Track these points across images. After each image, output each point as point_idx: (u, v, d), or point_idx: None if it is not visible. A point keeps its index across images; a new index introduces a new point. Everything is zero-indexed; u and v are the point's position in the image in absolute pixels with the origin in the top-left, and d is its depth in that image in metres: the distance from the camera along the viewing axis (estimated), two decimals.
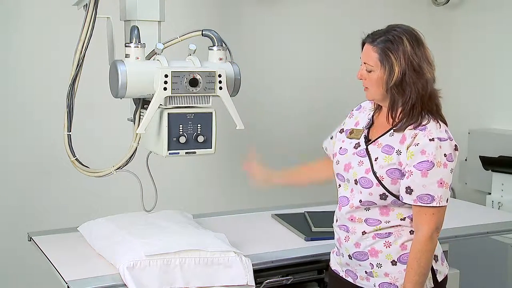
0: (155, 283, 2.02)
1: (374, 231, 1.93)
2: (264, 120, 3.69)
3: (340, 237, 2.03)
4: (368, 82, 1.93)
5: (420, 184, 1.83)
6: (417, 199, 1.84)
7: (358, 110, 2.12)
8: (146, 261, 2.03)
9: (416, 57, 1.85)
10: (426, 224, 1.86)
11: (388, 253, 1.93)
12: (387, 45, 1.85)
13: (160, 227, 2.34)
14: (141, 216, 2.47)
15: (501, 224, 2.78)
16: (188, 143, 2.21)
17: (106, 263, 2.16)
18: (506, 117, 3.92)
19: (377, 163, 1.90)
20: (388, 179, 1.88)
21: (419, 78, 1.85)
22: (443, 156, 1.83)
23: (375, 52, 1.88)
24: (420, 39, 1.89)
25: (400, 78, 1.85)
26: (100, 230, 2.37)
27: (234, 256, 2.13)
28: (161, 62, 2.21)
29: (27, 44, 3.06)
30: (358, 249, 1.97)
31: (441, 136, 1.85)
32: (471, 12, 4.12)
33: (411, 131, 1.87)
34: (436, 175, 1.82)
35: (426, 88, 1.87)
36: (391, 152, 1.89)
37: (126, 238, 2.19)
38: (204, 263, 2.09)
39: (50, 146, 3.00)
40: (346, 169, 1.99)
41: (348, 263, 2.03)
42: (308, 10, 3.74)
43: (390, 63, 1.85)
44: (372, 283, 1.98)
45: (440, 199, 1.84)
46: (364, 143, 1.97)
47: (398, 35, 1.86)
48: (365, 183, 1.91)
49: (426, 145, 1.83)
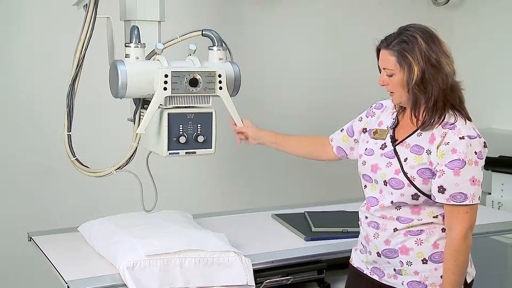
0: (155, 283, 2.02)
1: (405, 228, 1.92)
2: (264, 120, 3.67)
3: (368, 235, 2.01)
4: (392, 86, 1.92)
5: (452, 182, 1.83)
6: (450, 198, 1.84)
7: (380, 109, 2.11)
8: (146, 261, 2.03)
9: (433, 52, 1.85)
10: (460, 223, 1.86)
11: (419, 251, 1.92)
12: (402, 46, 1.86)
13: (160, 227, 2.34)
14: (141, 216, 2.47)
15: (501, 224, 2.78)
16: (188, 143, 2.21)
17: (106, 263, 2.16)
18: (506, 117, 3.92)
19: (407, 164, 1.89)
20: (420, 179, 1.87)
21: (439, 73, 1.86)
22: (473, 154, 1.83)
23: (392, 56, 1.88)
24: (433, 35, 1.89)
25: (420, 76, 1.85)
26: (100, 230, 2.36)
27: (234, 256, 2.13)
28: (161, 62, 2.21)
29: (27, 44, 3.06)
30: (388, 246, 1.95)
31: (471, 134, 1.86)
32: (471, 12, 4.12)
33: (440, 130, 1.87)
34: (468, 173, 1.82)
35: (446, 82, 1.87)
36: (421, 152, 1.88)
37: (126, 238, 2.19)
38: (204, 263, 2.09)
39: (50, 146, 3.00)
40: (374, 170, 1.98)
41: (376, 260, 2.01)
42: (308, 10, 3.74)
43: (408, 64, 1.85)
44: (400, 281, 1.97)
45: (473, 197, 1.84)
46: (391, 144, 1.97)
47: (411, 34, 1.87)
48: (396, 184, 1.90)
49: (456, 144, 1.83)
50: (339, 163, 3.84)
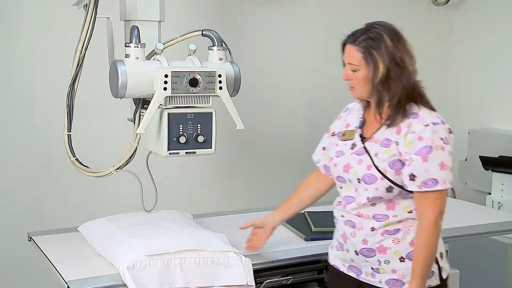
0: (155, 283, 2.02)
1: (383, 227, 1.94)
2: (264, 120, 3.69)
3: (345, 233, 2.03)
4: (355, 82, 1.96)
5: (422, 169, 1.86)
6: (422, 184, 1.86)
7: (346, 112, 2.16)
8: (146, 261, 2.03)
9: (398, 51, 1.89)
10: (430, 209, 1.88)
11: (396, 250, 1.94)
12: (369, 43, 1.90)
13: (160, 227, 2.34)
14: (141, 216, 2.47)
15: (501, 224, 2.78)
16: (188, 143, 2.21)
17: (106, 263, 2.16)
18: (506, 117, 3.92)
19: (378, 158, 1.93)
20: (392, 171, 1.90)
21: (403, 72, 1.90)
22: (439, 139, 1.87)
23: (358, 52, 1.92)
24: (399, 34, 1.93)
25: (385, 74, 1.89)
26: (100, 230, 2.36)
27: (234, 256, 2.13)
28: (161, 62, 2.21)
29: (27, 44, 3.06)
30: (366, 246, 1.97)
31: (435, 121, 1.89)
32: (471, 12, 4.12)
33: (405, 120, 1.91)
34: (436, 159, 1.85)
35: (409, 81, 1.92)
36: (390, 144, 1.92)
37: (126, 238, 2.19)
38: (204, 263, 2.09)
39: (50, 146, 3.00)
40: (346, 170, 2.00)
41: (353, 258, 2.02)
42: (308, 10, 3.74)
43: (374, 61, 1.89)
44: (378, 279, 1.98)
45: (444, 182, 1.87)
46: (360, 142, 2.00)
47: (378, 32, 1.90)
48: (370, 180, 1.93)
49: (422, 131, 1.87)
50: None
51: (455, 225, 2.66)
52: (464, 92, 4.19)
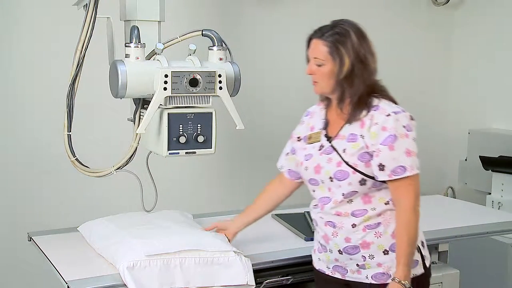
0: (155, 283, 2.02)
1: (363, 222, 1.96)
2: (264, 120, 3.69)
3: (326, 234, 2.04)
4: (319, 76, 2.01)
5: (389, 158, 1.89)
6: (391, 173, 1.90)
7: (308, 116, 2.20)
8: (146, 261, 2.03)
9: (363, 49, 1.94)
10: (406, 196, 1.92)
11: (379, 244, 1.96)
12: (336, 38, 1.95)
13: (160, 227, 2.33)
14: (141, 216, 2.47)
15: (501, 224, 2.78)
16: (188, 143, 2.21)
17: (106, 263, 2.16)
18: (506, 117, 3.92)
19: (346, 154, 1.96)
20: (362, 163, 1.93)
21: (366, 69, 1.95)
22: (402, 127, 1.91)
23: (325, 46, 1.97)
24: (363, 32, 1.98)
25: (350, 69, 1.93)
26: (100, 230, 2.36)
27: (234, 255, 2.13)
28: (161, 62, 2.21)
29: (27, 44, 3.06)
30: (349, 243, 1.98)
31: (396, 110, 1.93)
32: (471, 12, 4.12)
33: (366, 114, 1.95)
34: (401, 146, 1.90)
35: (371, 78, 1.97)
36: (356, 139, 1.95)
37: (126, 238, 2.18)
38: (204, 263, 2.09)
39: (50, 146, 3.00)
40: (317, 171, 2.03)
41: (337, 258, 2.03)
42: (308, 10, 3.74)
43: (340, 56, 1.94)
44: (364, 275, 2.00)
45: (412, 168, 1.90)
46: (327, 142, 2.03)
47: (345, 28, 1.95)
48: (342, 176, 1.95)
49: (385, 121, 1.91)
50: None
51: (455, 225, 2.67)
52: (464, 92, 4.19)
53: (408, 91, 4.10)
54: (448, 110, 4.26)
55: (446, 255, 2.68)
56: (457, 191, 4.19)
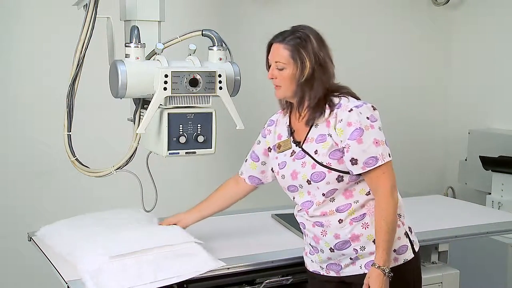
0: (122, 282, 1.97)
1: (349, 216, 1.98)
2: (264, 120, 3.68)
3: (315, 235, 2.05)
4: (280, 80, 2.01)
5: (360, 151, 1.92)
6: (364, 165, 1.92)
7: (273, 125, 2.20)
8: (110, 262, 1.99)
9: (322, 53, 1.99)
10: (382, 184, 1.94)
11: (368, 234, 1.98)
12: (297, 41, 1.98)
13: (121, 226, 2.29)
14: (100, 217, 2.42)
15: (501, 224, 2.78)
16: (188, 143, 2.21)
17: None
18: (506, 117, 3.92)
19: (318, 155, 1.98)
20: (334, 161, 1.95)
21: (325, 73, 1.99)
22: (366, 119, 1.94)
23: (286, 50, 1.98)
24: (322, 38, 2.04)
25: (310, 73, 1.97)
26: (59, 234, 2.30)
27: (196, 245, 2.12)
28: (161, 62, 2.21)
29: (27, 44, 3.06)
30: (339, 239, 2.00)
31: (357, 104, 1.96)
32: (471, 12, 4.12)
33: (330, 114, 1.97)
34: (369, 138, 1.92)
35: (329, 82, 2.00)
36: (325, 138, 1.98)
37: (86, 240, 2.14)
38: (169, 256, 2.06)
39: (50, 146, 3.00)
40: (294, 177, 2.04)
41: (330, 256, 2.04)
42: (308, 10, 3.74)
43: (301, 59, 1.97)
44: (358, 265, 2.01)
45: (383, 156, 1.93)
46: (297, 147, 2.04)
47: (305, 33, 1.99)
48: (318, 177, 1.97)
49: (348, 117, 1.94)
50: None
51: (455, 225, 2.66)
52: (464, 92, 4.19)
53: (408, 91, 4.11)
54: (448, 110, 4.26)
55: (446, 255, 2.68)
56: (457, 191, 4.19)
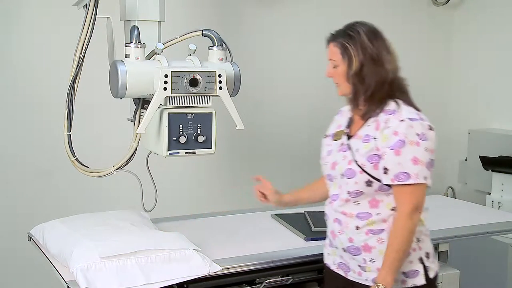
0: (114, 283, 1.97)
1: (367, 226, 1.97)
2: (264, 120, 3.69)
3: (333, 230, 2.06)
4: (337, 78, 2.05)
5: (394, 162, 1.90)
6: (394, 178, 1.90)
7: (339, 115, 2.22)
8: (102, 263, 1.99)
9: (374, 48, 1.97)
10: (404, 203, 1.92)
11: (381, 249, 1.96)
12: (345, 39, 2.00)
13: (115, 227, 2.29)
14: (96, 217, 2.43)
15: (501, 224, 2.78)
16: (188, 143, 2.21)
17: None
18: (506, 117, 3.92)
19: (358, 153, 1.98)
20: (370, 164, 1.94)
21: (377, 67, 1.97)
22: (415, 135, 1.90)
23: (336, 47, 2.02)
24: (377, 32, 2.02)
25: (359, 68, 1.97)
26: (53, 233, 2.31)
27: (190, 251, 2.11)
28: (161, 62, 2.21)
29: (27, 44, 3.06)
30: (352, 244, 2.00)
31: (412, 117, 1.94)
32: (471, 12, 4.12)
33: (383, 117, 1.96)
34: (409, 153, 1.89)
35: (385, 76, 1.98)
36: (369, 139, 1.97)
37: (80, 241, 2.13)
38: (161, 260, 2.06)
39: (50, 146, 3.00)
40: (333, 167, 2.06)
41: (342, 255, 2.06)
42: (308, 10, 3.74)
43: (349, 55, 1.98)
44: (365, 277, 2.00)
45: (417, 176, 1.89)
46: (346, 140, 2.06)
47: (356, 29, 2.00)
48: (350, 174, 1.98)
49: (397, 126, 1.92)
50: None
51: (455, 225, 2.66)
52: (464, 92, 4.19)
53: None
54: (448, 110, 4.26)
55: (446, 255, 2.67)
56: (457, 191, 4.19)
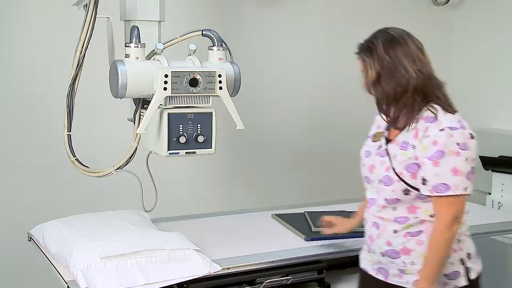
0: (114, 284, 1.97)
1: (404, 229, 1.96)
2: (264, 120, 3.69)
3: (371, 235, 2.05)
4: (365, 88, 2.03)
5: (433, 173, 1.87)
6: (433, 189, 1.87)
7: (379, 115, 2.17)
8: (101, 263, 1.99)
9: (390, 56, 1.94)
10: (444, 213, 1.89)
11: (421, 252, 1.95)
12: (364, 52, 2.00)
13: (115, 227, 2.29)
14: (97, 217, 2.43)
15: (501, 224, 2.78)
16: (188, 143, 2.21)
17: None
18: (506, 117, 3.92)
19: (395, 160, 1.95)
20: (408, 174, 1.92)
21: (396, 74, 1.93)
22: (455, 144, 1.86)
23: (358, 60, 2.02)
24: (395, 40, 1.96)
25: (376, 77, 1.96)
26: (54, 232, 2.31)
27: (190, 251, 2.11)
28: (161, 62, 2.21)
29: (27, 44, 3.06)
30: (390, 247, 1.99)
31: (453, 126, 1.89)
32: (471, 12, 4.13)
33: (422, 124, 1.93)
34: (448, 164, 1.86)
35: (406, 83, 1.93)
36: (407, 147, 1.94)
37: (80, 241, 2.13)
38: (160, 261, 2.06)
39: (50, 146, 3.00)
40: (371, 170, 2.04)
41: (381, 260, 2.04)
42: (308, 10, 3.74)
43: (366, 67, 1.98)
44: (405, 280, 1.99)
45: (456, 188, 1.87)
46: (384, 144, 2.03)
47: (372, 41, 1.98)
48: (387, 181, 1.96)
49: (437, 136, 1.87)
50: (339, 164, 3.84)
51: None
52: (464, 92, 4.18)
53: None
54: None
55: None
56: None
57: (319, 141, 3.84)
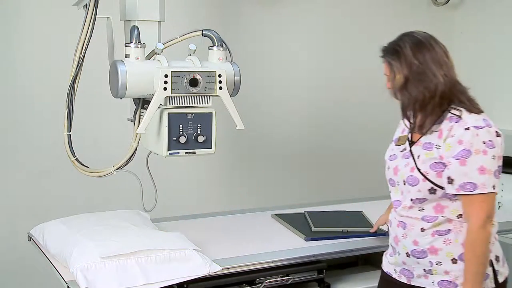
0: (113, 283, 1.97)
1: (432, 228, 1.95)
2: (264, 120, 3.69)
3: (397, 235, 2.04)
4: (390, 92, 2.03)
5: (459, 172, 1.86)
6: (459, 188, 1.87)
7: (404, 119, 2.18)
8: (101, 263, 1.99)
9: (418, 61, 1.93)
10: (476, 213, 1.88)
11: (448, 251, 1.94)
12: (390, 55, 1.98)
13: (115, 227, 2.29)
14: (96, 217, 2.43)
15: (501, 224, 2.76)
16: (188, 143, 2.21)
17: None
18: (505, 117, 3.92)
19: (419, 160, 1.95)
20: (433, 172, 1.92)
21: (424, 78, 1.93)
22: (481, 143, 1.86)
23: (384, 63, 2.01)
24: (423, 44, 1.96)
25: (404, 82, 1.95)
26: (54, 232, 2.31)
27: (190, 251, 2.11)
28: (161, 62, 2.21)
29: (27, 44, 3.06)
30: (417, 246, 1.97)
31: (478, 124, 1.89)
32: (471, 12, 4.12)
33: (447, 124, 1.93)
34: (475, 163, 1.85)
35: (434, 88, 1.93)
36: (431, 148, 1.94)
37: (80, 241, 2.13)
38: (160, 261, 2.06)
39: (50, 146, 3.00)
40: (395, 172, 2.04)
41: (405, 261, 2.03)
42: (308, 10, 3.74)
43: (393, 71, 1.97)
44: (431, 280, 1.98)
45: (484, 186, 1.87)
46: (408, 146, 2.03)
47: (399, 44, 1.97)
48: (412, 181, 1.95)
49: (462, 135, 1.87)
50: (339, 164, 3.84)
51: None
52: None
53: None
54: None
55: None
56: None
57: (319, 141, 3.84)
